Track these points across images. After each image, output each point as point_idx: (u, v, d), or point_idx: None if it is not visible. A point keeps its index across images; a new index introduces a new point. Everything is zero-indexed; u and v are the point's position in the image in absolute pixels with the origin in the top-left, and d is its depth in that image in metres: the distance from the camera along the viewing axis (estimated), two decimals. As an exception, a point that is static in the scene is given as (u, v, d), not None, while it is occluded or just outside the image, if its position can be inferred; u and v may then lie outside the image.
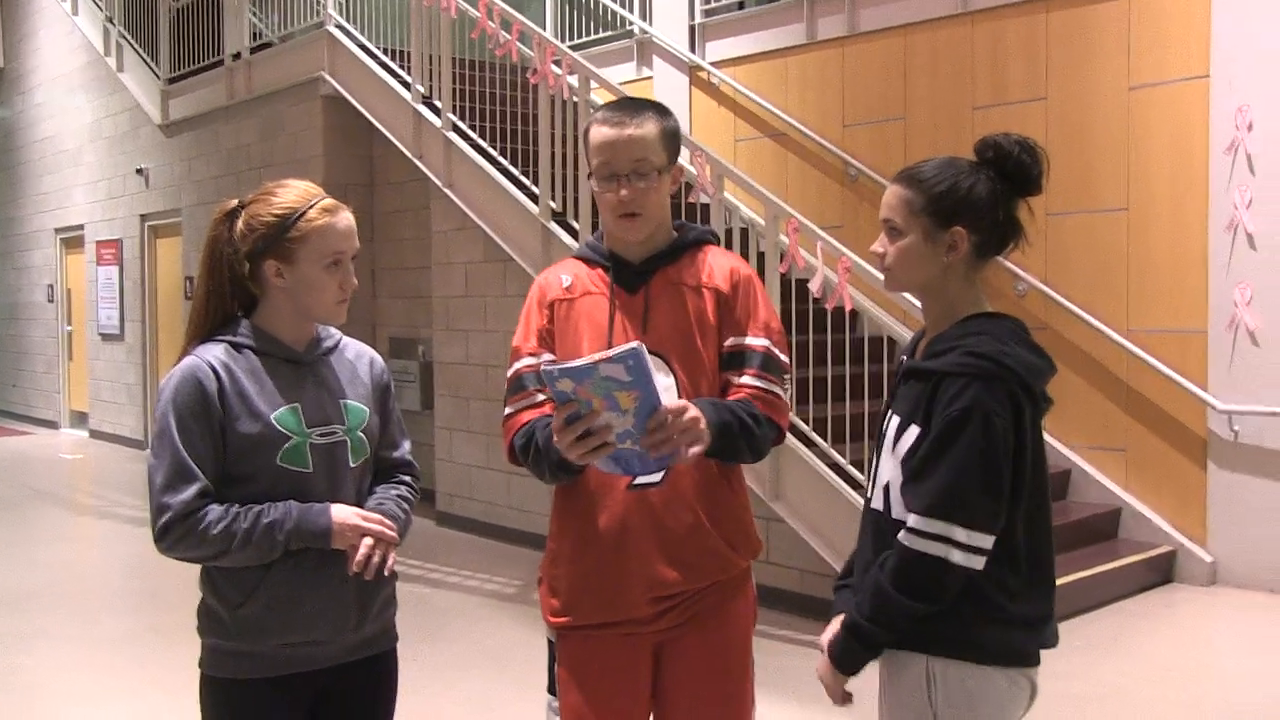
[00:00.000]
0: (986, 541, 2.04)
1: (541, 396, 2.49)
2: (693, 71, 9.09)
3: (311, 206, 2.29)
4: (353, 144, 9.16)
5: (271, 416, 2.25)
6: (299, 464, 2.27)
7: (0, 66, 15.67)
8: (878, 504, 2.21)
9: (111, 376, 13.08)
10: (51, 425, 14.70)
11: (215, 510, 2.19)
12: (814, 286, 5.70)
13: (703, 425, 2.21)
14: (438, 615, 5.94)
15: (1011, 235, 2.20)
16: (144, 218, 12.39)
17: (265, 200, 2.31)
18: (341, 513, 2.27)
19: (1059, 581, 6.27)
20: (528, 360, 2.54)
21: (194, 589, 2.38)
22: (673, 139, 2.49)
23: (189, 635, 2.41)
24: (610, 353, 2.05)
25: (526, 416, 2.49)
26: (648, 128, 2.43)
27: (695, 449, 2.20)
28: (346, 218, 2.33)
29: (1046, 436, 7.45)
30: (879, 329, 5.94)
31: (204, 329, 2.33)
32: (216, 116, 10.77)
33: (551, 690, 2.57)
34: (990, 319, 2.18)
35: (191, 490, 2.18)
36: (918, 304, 2.31)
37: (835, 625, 2.23)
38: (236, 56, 10.39)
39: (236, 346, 2.29)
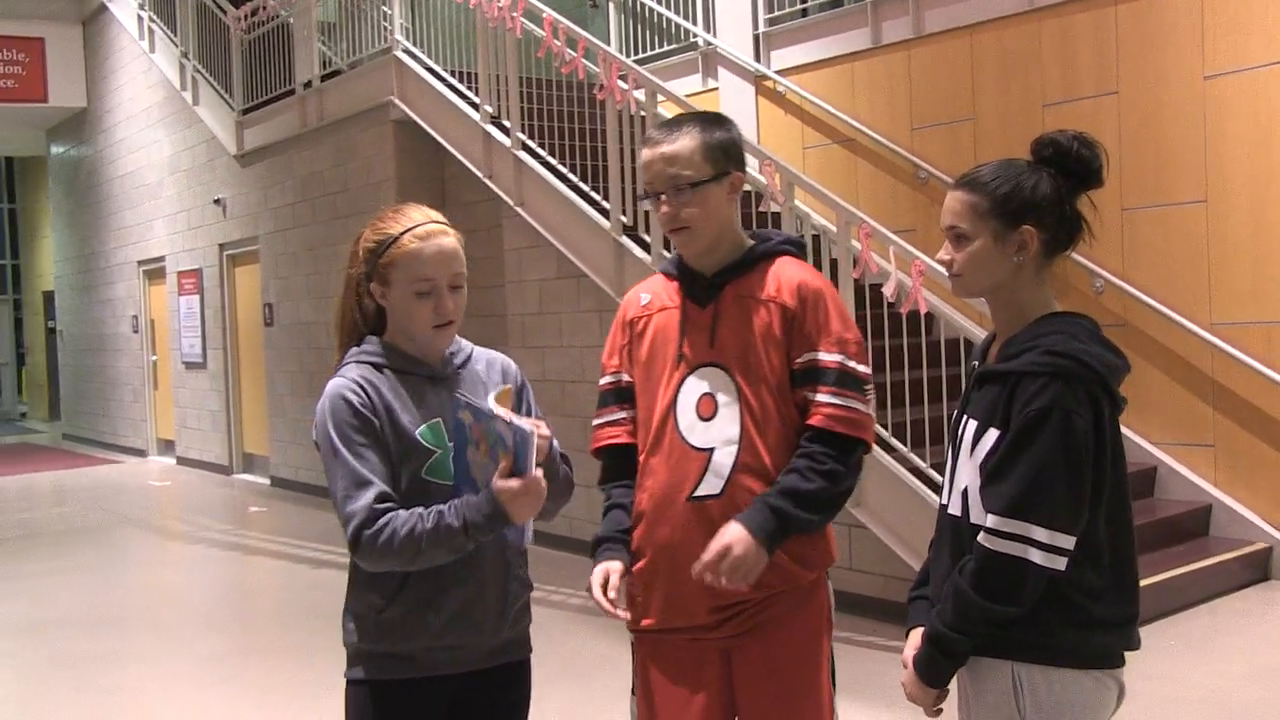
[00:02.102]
0: (1068, 542, 2.02)
1: (622, 414, 2.62)
2: (758, 81, 9.10)
3: (407, 232, 2.33)
4: (424, 166, 9.28)
5: (416, 432, 2.32)
6: (443, 477, 2.32)
7: (84, 106, 16.10)
8: (955, 510, 2.19)
9: (196, 404, 13.36)
10: (140, 453, 15.05)
11: (401, 515, 2.22)
12: (888, 291, 5.67)
13: (734, 551, 2.30)
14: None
15: (1078, 230, 2.19)
16: (223, 247, 12.65)
17: (375, 225, 2.39)
18: (502, 486, 2.21)
19: (1148, 581, 6.12)
20: (610, 378, 2.67)
21: (281, 612, 2.44)
22: (719, 150, 2.49)
23: (279, 655, 2.48)
24: (513, 418, 2.18)
25: (607, 433, 2.64)
26: (682, 143, 2.46)
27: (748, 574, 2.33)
28: (440, 244, 2.33)
29: (1130, 434, 7.30)
30: (955, 331, 5.89)
31: (345, 343, 2.45)
32: (290, 145, 10.98)
33: (635, 690, 2.64)
34: (1064, 318, 2.16)
35: (370, 494, 2.22)
36: (989, 306, 2.30)
37: (916, 638, 2.22)
38: (308, 85, 10.58)
39: (376, 367, 2.36)
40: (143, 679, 5.61)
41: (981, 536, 2.07)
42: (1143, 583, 5.60)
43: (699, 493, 2.45)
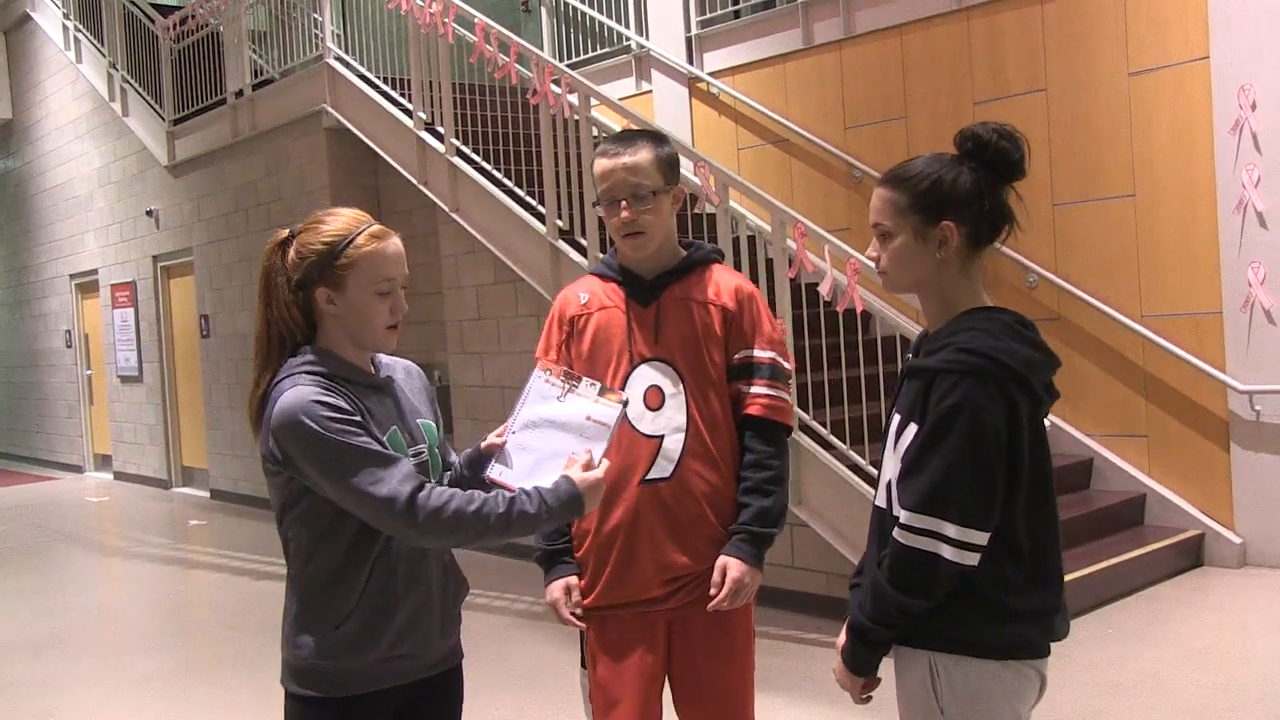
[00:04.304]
0: (979, 538, 2.04)
1: None
2: (692, 83, 9.10)
3: (360, 233, 2.29)
4: (358, 174, 9.19)
5: (383, 440, 2.26)
6: None
7: (9, 118, 15.78)
8: (881, 501, 2.22)
9: (133, 418, 13.13)
10: (76, 469, 14.76)
11: (459, 492, 2.18)
12: (824, 290, 5.68)
13: (744, 582, 2.64)
14: (466, 637, 5.92)
15: (1002, 223, 2.19)
16: (156, 259, 12.45)
17: (314, 229, 2.31)
18: (579, 477, 2.24)
19: (1086, 570, 6.16)
20: None
21: (222, 627, 2.39)
22: (668, 163, 2.76)
23: (220, 671, 2.42)
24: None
25: None
26: (641, 155, 2.72)
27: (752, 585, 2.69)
28: (395, 243, 2.33)
29: (1066, 426, 7.36)
30: (891, 329, 5.91)
31: (271, 359, 2.32)
32: (222, 155, 10.83)
33: (584, 664, 2.85)
34: (985, 313, 2.16)
35: (404, 465, 2.17)
36: (925, 302, 2.31)
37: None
38: (239, 94, 10.44)
39: (324, 376, 2.25)
40: (80, 701, 5.48)
41: (895, 531, 2.10)
42: (1080, 572, 5.66)
43: (650, 476, 2.69)
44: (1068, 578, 2.24)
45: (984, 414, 2.03)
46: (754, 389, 2.73)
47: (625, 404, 2.36)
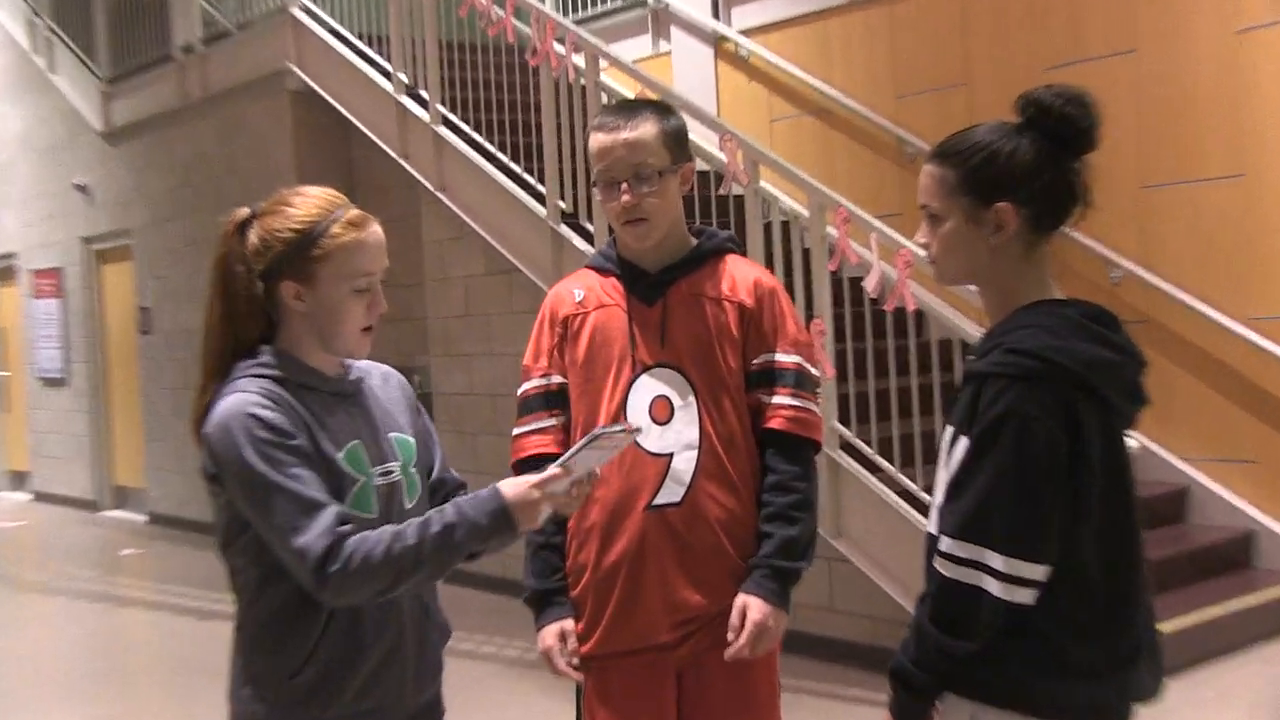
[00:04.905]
0: (1031, 571, 1.98)
1: (551, 421, 2.79)
2: (718, 43, 9.10)
3: (335, 220, 2.28)
4: (328, 145, 9.21)
5: (339, 457, 2.26)
6: (365, 509, 2.28)
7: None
8: (932, 526, 2.17)
9: (58, 428, 13.16)
10: (-12, 489, 14.80)
11: (369, 538, 2.16)
12: (870, 285, 5.68)
13: (767, 625, 2.61)
14: (450, 686, 5.93)
15: (1069, 203, 2.15)
16: (87, 241, 12.49)
17: (281, 211, 2.30)
18: (511, 485, 2.23)
19: (1180, 623, 6.07)
20: (538, 381, 2.85)
21: (160, 672, 2.39)
22: (675, 138, 2.75)
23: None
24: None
25: (534, 442, 2.81)
26: (644, 129, 2.70)
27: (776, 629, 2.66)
28: (376, 232, 2.32)
29: (1156, 449, 7.26)
30: (948, 331, 5.90)
31: (223, 359, 2.32)
32: (168, 120, 10.86)
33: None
34: (1046, 307, 2.12)
35: (326, 517, 2.14)
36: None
37: None
38: (188, 50, 10.47)
39: (278, 382, 2.26)
40: (-7, 758, 5.50)
41: (936, 559, 2.06)
42: (1173, 623, 5.58)
43: (658, 501, 2.67)
44: (1158, 629, 2.20)
45: (1034, 424, 1.98)
46: (776, 399, 2.71)
47: (636, 430, 2.38)
